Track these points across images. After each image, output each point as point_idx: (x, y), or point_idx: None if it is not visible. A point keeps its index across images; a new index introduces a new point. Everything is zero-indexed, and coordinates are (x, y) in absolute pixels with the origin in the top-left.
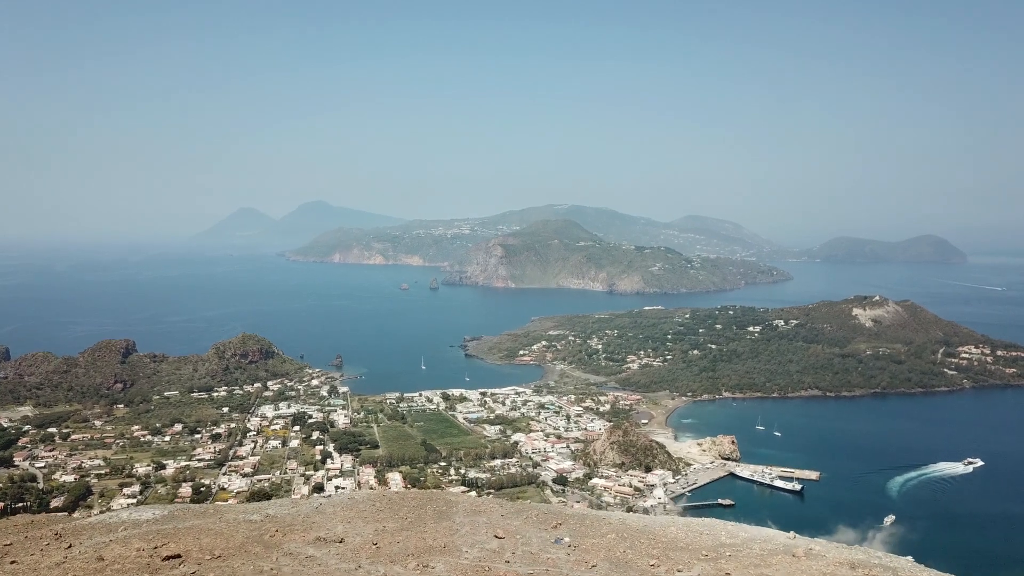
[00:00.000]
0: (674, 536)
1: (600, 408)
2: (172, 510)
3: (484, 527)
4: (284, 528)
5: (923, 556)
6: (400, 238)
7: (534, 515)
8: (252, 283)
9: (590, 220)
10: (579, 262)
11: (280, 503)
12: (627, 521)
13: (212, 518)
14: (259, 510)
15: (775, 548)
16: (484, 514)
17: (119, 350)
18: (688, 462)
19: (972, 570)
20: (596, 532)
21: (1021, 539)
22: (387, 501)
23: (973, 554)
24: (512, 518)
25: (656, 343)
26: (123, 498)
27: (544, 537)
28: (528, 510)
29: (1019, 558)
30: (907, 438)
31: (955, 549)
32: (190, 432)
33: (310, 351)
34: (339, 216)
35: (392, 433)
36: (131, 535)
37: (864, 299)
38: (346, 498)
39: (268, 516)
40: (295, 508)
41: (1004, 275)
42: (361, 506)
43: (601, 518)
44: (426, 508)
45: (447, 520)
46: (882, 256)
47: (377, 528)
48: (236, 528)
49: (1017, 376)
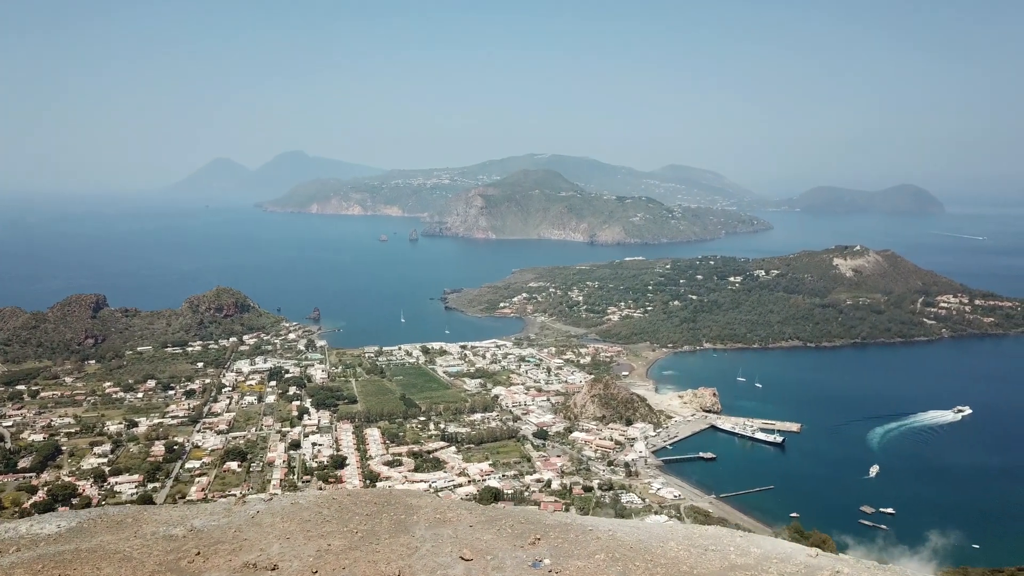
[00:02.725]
0: (675, 556)
1: (581, 360)
2: (81, 520)
3: (449, 543)
4: (209, 547)
5: (909, 509)
6: (379, 188)
7: (508, 526)
8: (228, 235)
9: (571, 170)
10: (560, 213)
11: (211, 510)
12: (618, 535)
13: (127, 532)
14: (184, 520)
15: (795, 570)
16: (450, 525)
17: (90, 305)
18: (669, 415)
19: (957, 522)
20: (582, 551)
21: (1004, 491)
22: (336, 507)
23: (957, 507)
24: (483, 530)
25: (637, 294)
26: (94, 457)
27: (519, 559)
28: (502, 518)
29: (1004, 511)
30: (888, 388)
31: (940, 501)
32: (163, 388)
33: (287, 304)
34: (317, 166)
35: (371, 388)
36: (18, 562)
37: (845, 249)
38: (288, 504)
39: (193, 530)
40: (227, 518)
41: (983, 225)
42: (305, 514)
43: (587, 530)
44: (382, 517)
45: (406, 533)
46: (861, 206)
47: (320, 547)
48: (151, 548)
49: (995, 325)
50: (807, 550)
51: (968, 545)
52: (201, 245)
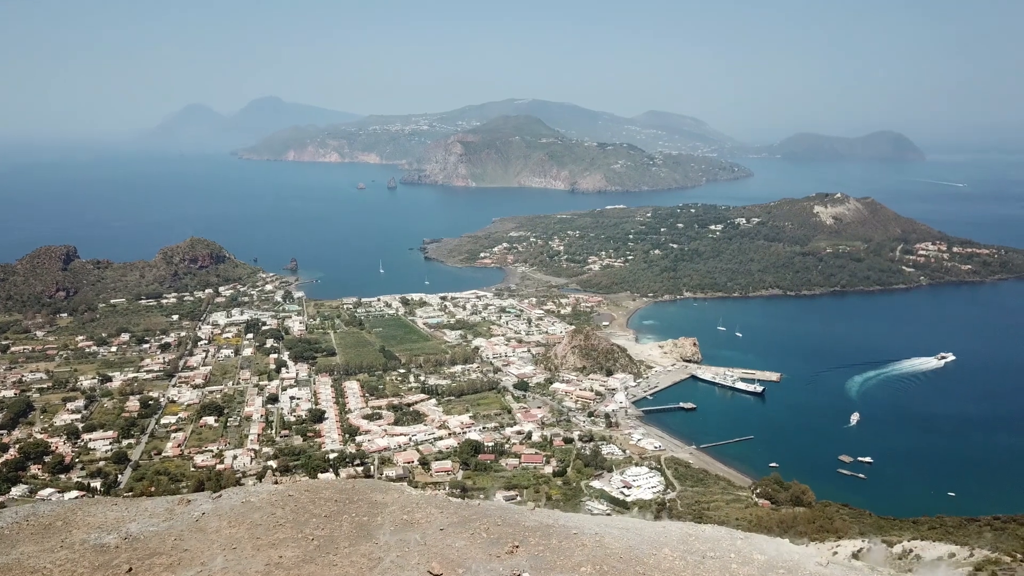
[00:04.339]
0: (670, 567)
1: (561, 311)
2: (4, 526)
3: (416, 552)
4: (143, 561)
5: (887, 458)
6: (356, 135)
7: (484, 530)
8: (202, 184)
9: (552, 115)
10: (541, 160)
11: (152, 510)
12: (606, 540)
13: (53, 540)
14: (120, 524)
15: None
16: (418, 527)
17: (60, 256)
18: (649, 365)
19: (934, 471)
20: (566, 561)
21: (982, 440)
22: (292, 507)
23: (935, 455)
24: (455, 534)
25: (618, 243)
26: (67, 414)
27: (497, 573)
28: (476, 519)
29: (981, 460)
30: (868, 337)
31: (918, 450)
32: (138, 342)
33: (263, 255)
34: (293, 113)
35: (349, 340)
36: None
37: (825, 196)
38: (239, 503)
39: (128, 537)
40: (168, 521)
41: (963, 172)
42: (256, 516)
43: (571, 534)
44: (342, 519)
45: (368, 540)
46: (842, 153)
47: (270, 560)
48: (76, 564)
49: (972, 273)
50: (815, 555)
51: (944, 494)
52: (175, 194)
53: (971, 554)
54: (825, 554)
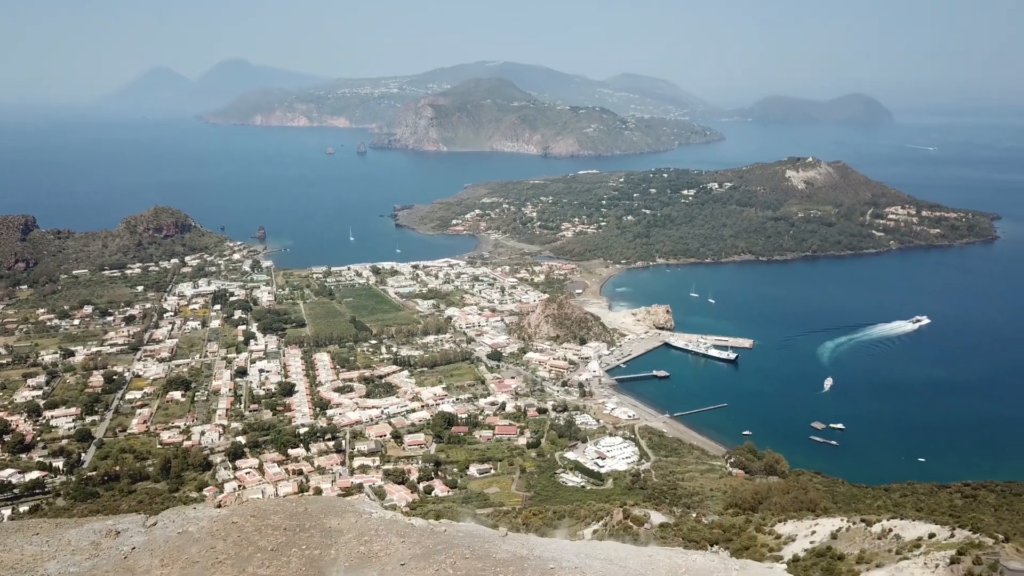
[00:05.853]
0: None
1: (535, 279)
2: None
3: None
4: None
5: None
6: (325, 98)
7: (450, 565)
8: (167, 149)
9: (524, 78)
10: (513, 124)
11: (76, 545)
12: (587, 575)
13: None
14: (36, 566)
15: None
16: (376, 562)
17: (18, 226)
18: (623, 333)
19: (905, 437)
20: None
21: (953, 405)
22: (236, 537)
23: (906, 421)
24: (417, 570)
25: (591, 209)
26: (28, 390)
27: None
28: (442, 551)
29: (951, 425)
30: (841, 301)
31: (890, 416)
32: (101, 314)
33: (231, 223)
34: (260, 75)
35: (319, 310)
36: None
37: (797, 160)
38: (175, 532)
39: None
40: (92, 559)
41: (933, 135)
42: (194, 550)
43: (547, 568)
44: (291, 553)
45: None
46: (813, 116)
47: None
48: None
49: (940, 237)
50: None
51: (914, 459)
52: (138, 159)
53: (952, 534)
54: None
